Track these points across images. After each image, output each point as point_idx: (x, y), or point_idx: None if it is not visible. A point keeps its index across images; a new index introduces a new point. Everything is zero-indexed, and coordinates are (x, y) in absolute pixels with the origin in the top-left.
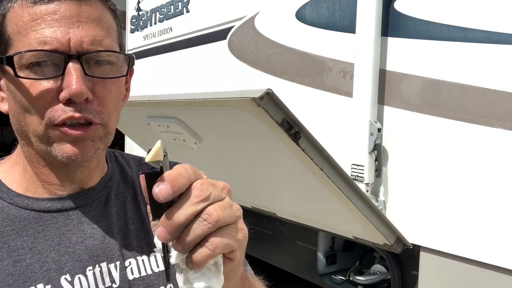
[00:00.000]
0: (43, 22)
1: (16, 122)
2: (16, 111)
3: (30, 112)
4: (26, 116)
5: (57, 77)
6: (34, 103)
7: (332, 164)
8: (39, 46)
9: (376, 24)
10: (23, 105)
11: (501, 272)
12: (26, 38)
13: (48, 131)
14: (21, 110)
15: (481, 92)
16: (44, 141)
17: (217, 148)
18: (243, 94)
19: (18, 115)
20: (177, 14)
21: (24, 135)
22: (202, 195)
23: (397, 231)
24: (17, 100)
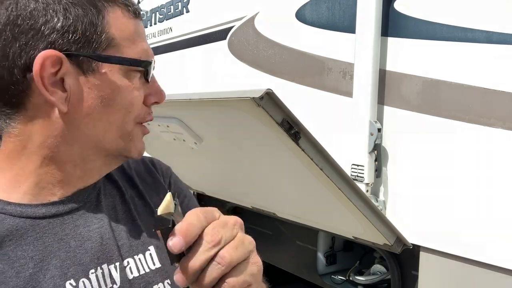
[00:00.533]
0: (142, 35)
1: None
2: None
3: (130, 111)
4: (119, 115)
5: (146, 83)
6: (137, 104)
7: (332, 164)
8: (148, 56)
9: (376, 24)
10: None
11: (501, 272)
12: (135, 47)
13: (134, 128)
14: (103, 108)
15: (481, 92)
16: (126, 138)
17: (217, 148)
18: (243, 94)
19: (97, 112)
20: (177, 14)
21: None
22: (214, 240)
23: (397, 231)
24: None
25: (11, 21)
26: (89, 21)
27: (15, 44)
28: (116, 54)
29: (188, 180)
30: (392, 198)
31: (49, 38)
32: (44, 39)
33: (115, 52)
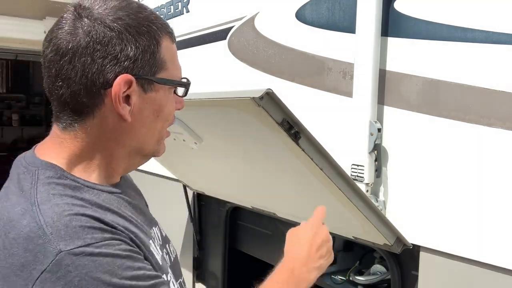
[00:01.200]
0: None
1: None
2: (150, 120)
3: (168, 120)
4: (160, 123)
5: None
6: (172, 114)
7: (332, 164)
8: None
9: (376, 24)
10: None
11: (501, 272)
12: (176, 67)
13: (164, 133)
14: (160, 118)
15: (481, 92)
16: (159, 141)
17: (217, 148)
18: (243, 94)
19: (150, 123)
20: (177, 14)
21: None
22: None
23: (397, 231)
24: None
25: (91, 46)
26: (151, 51)
27: (94, 66)
28: (166, 75)
29: (188, 180)
30: (392, 198)
31: (124, 64)
32: (120, 65)
33: (166, 73)
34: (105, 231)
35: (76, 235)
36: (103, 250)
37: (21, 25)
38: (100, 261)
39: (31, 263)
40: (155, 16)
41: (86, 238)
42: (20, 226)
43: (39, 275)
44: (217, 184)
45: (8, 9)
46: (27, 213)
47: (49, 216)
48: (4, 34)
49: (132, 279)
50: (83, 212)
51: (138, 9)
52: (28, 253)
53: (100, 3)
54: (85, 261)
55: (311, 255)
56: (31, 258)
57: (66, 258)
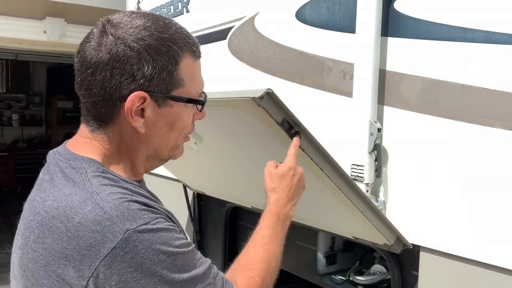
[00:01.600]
0: (200, 72)
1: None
2: (164, 131)
3: (183, 131)
4: (175, 134)
5: None
6: (188, 126)
7: (332, 164)
8: (202, 89)
9: (376, 24)
10: (181, 127)
11: (501, 272)
12: (196, 84)
13: (182, 141)
14: (174, 130)
15: (481, 92)
16: (175, 148)
17: (217, 148)
18: (243, 94)
19: (164, 134)
20: (177, 14)
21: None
22: None
23: (397, 231)
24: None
25: (111, 63)
26: (168, 70)
27: (112, 81)
28: (183, 92)
29: (188, 180)
30: (392, 198)
31: (140, 81)
32: (136, 82)
33: (182, 91)
34: (153, 212)
35: (136, 215)
36: (157, 226)
37: (21, 25)
38: (158, 235)
39: (100, 243)
40: (180, 35)
41: (144, 218)
42: (84, 211)
43: (109, 252)
44: (217, 184)
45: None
46: (88, 200)
47: (111, 202)
48: (4, 34)
49: (180, 247)
50: (134, 199)
51: (163, 28)
52: (97, 234)
53: (127, 20)
54: (148, 236)
55: (290, 196)
56: (99, 238)
57: (133, 235)
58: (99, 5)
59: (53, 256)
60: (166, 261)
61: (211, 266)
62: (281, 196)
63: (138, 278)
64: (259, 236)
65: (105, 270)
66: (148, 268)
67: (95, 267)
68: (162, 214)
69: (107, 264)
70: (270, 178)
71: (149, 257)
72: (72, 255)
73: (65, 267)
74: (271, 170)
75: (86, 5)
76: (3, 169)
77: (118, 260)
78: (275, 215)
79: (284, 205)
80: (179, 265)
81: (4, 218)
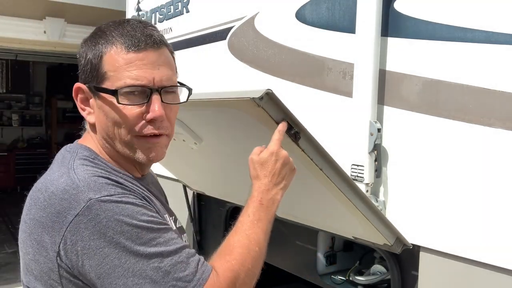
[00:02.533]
0: (135, 65)
1: (104, 132)
2: (106, 124)
3: (120, 126)
4: (115, 128)
5: (143, 103)
6: (125, 120)
7: (332, 164)
8: (132, 82)
9: (376, 24)
10: (115, 120)
11: (501, 272)
12: (121, 76)
13: (133, 140)
14: (111, 123)
15: (481, 92)
16: (129, 148)
17: (217, 148)
18: (243, 94)
19: (108, 127)
20: (177, 14)
21: (111, 141)
22: None
23: (397, 231)
24: (110, 117)
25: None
26: (92, 63)
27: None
28: (108, 84)
29: (188, 180)
30: (392, 198)
31: (80, 75)
32: (80, 76)
33: (108, 83)
34: (124, 189)
35: (102, 187)
36: (123, 199)
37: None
38: (122, 206)
39: (66, 209)
40: (117, 30)
41: (110, 190)
42: (58, 183)
43: (73, 218)
44: (217, 184)
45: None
46: (64, 175)
47: (82, 175)
48: (4, 34)
49: (148, 222)
50: (106, 176)
51: (106, 26)
52: (64, 201)
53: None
54: (111, 206)
55: (275, 181)
56: (66, 205)
57: (95, 204)
58: (99, 5)
59: (34, 224)
60: (130, 232)
61: (186, 247)
62: (263, 183)
63: (102, 247)
64: (240, 223)
65: (71, 236)
66: (111, 237)
67: (63, 233)
68: (135, 193)
69: (72, 230)
70: (252, 166)
71: (112, 226)
72: (46, 222)
73: (42, 234)
74: (253, 157)
75: (86, 5)
76: (3, 169)
77: (82, 227)
78: (257, 201)
79: (267, 191)
80: (145, 239)
81: (4, 218)
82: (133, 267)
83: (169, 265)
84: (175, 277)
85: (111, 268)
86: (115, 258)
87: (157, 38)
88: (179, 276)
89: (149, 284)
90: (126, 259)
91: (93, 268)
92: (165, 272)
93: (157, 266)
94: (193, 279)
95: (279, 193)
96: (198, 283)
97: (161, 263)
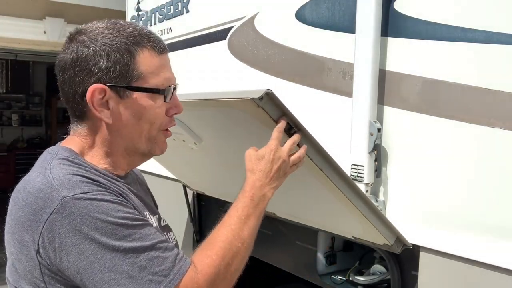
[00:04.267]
0: (166, 66)
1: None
2: (133, 122)
3: (154, 122)
4: (145, 125)
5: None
6: (160, 116)
7: (332, 164)
8: (169, 82)
9: (376, 24)
10: (149, 118)
11: (501, 272)
12: (159, 77)
13: (159, 134)
14: (142, 121)
15: (481, 92)
16: (151, 143)
17: (217, 148)
18: (243, 94)
19: (134, 125)
20: (176, 14)
21: (126, 139)
22: None
23: (397, 231)
24: (144, 115)
25: (73, 63)
26: (124, 63)
27: (76, 79)
28: (143, 83)
29: (188, 180)
30: (392, 198)
31: (97, 75)
32: (94, 76)
33: (143, 83)
34: (100, 186)
35: (76, 185)
36: (98, 196)
37: (21, 25)
38: (97, 204)
39: (42, 208)
40: (137, 33)
41: (84, 188)
42: (34, 182)
43: (48, 216)
44: (217, 184)
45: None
46: (41, 174)
47: (56, 174)
48: (4, 34)
49: (123, 218)
50: (81, 174)
51: (119, 29)
52: (39, 200)
53: (90, 26)
54: (84, 204)
55: (270, 178)
56: (41, 203)
57: (69, 201)
58: (99, 5)
59: (15, 224)
60: (105, 229)
61: (163, 242)
62: (257, 178)
63: (77, 243)
64: (227, 216)
65: (48, 234)
66: (86, 234)
67: (40, 231)
68: (110, 190)
69: (48, 228)
70: (249, 159)
71: (86, 223)
72: (25, 221)
73: (22, 233)
74: (251, 151)
75: (86, 5)
76: (3, 169)
77: (57, 225)
78: (248, 197)
79: (260, 187)
80: (120, 235)
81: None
82: (109, 262)
83: (145, 260)
84: (151, 271)
85: (87, 264)
86: (91, 254)
87: None
88: (155, 271)
89: (126, 279)
90: (102, 255)
91: (71, 264)
92: (141, 267)
93: (133, 261)
94: (170, 273)
95: (271, 191)
96: (175, 278)
97: (137, 258)
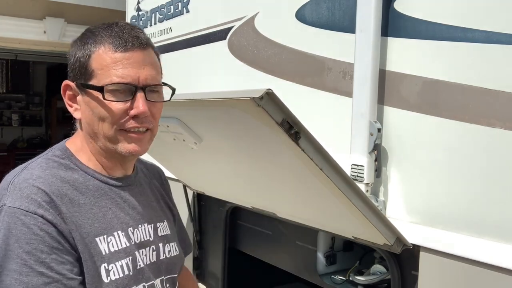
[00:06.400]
0: (121, 64)
1: (89, 127)
2: (92, 119)
3: (105, 120)
4: (100, 123)
5: (128, 100)
6: (110, 115)
7: (332, 164)
8: (118, 80)
9: (376, 24)
10: (101, 115)
11: (501, 272)
12: (108, 74)
13: (117, 134)
14: (96, 118)
15: (481, 92)
16: (112, 141)
17: (217, 148)
18: (243, 94)
19: (93, 122)
20: (177, 14)
21: (94, 136)
22: None
23: (397, 231)
24: (96, 112)
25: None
26: (81, 61)
27: None
28: (95, 82)
29: (188, 180)
30: (392, 198)
31: (69, 73)
32: (68, 74)
33: (95, 79)
34: (42, 208)
35: (22, 197)
36: (25, 219)
37: (21, 25)
38: (18, 224)
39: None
40: (105, 31)
41: (24, 203)
42: (9, 175)
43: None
44: (217, 184)
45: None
46: (16, 171)
47: (23, 177)
48: (4, 34)
49: (28, 254)
50: (42, 188)
51: (98, 27)
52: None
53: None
54: (12, 219)
55: None
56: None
57: (6, 210)
58: (99, 5)
59: None
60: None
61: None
62: None
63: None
64: None
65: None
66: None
67: None
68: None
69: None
70: None
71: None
72: None
73: None
74: None
75: (86, 5)
76: (3, 169)
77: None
78: None
79: None
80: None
81: None
82: None
83: None
84: None
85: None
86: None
87: (143, 40)
88: None
89: None
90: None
91: None
92: None
93: None
94: None
95: None
96: None
97: None
